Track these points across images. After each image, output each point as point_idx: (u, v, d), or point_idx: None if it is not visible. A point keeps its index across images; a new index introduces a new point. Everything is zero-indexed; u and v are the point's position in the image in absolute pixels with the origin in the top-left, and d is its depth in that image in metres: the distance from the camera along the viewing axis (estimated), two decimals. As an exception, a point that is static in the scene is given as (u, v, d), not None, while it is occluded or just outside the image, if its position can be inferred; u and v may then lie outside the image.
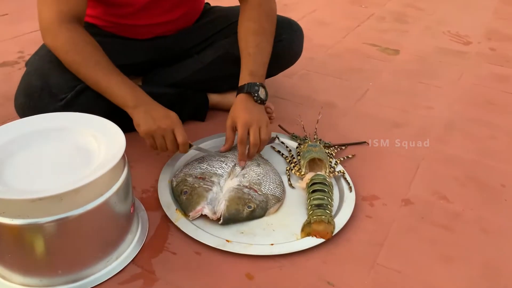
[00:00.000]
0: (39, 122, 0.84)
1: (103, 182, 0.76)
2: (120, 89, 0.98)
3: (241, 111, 1.01)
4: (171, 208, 0.94)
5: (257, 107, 1.03)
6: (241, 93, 1.04)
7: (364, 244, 0.90)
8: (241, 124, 0.99)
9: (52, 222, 0.71)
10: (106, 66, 0.98)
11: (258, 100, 1.03)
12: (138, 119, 0.97)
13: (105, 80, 0.97)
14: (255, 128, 0.99)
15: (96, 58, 0.98)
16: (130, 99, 0.97)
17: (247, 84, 1.03)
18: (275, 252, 0.86)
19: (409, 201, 1.03)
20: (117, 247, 0.82)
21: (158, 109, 0.99)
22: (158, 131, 0.96)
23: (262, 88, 1.04)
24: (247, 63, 1.06)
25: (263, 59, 1.07)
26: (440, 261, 0.87)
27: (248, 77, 1.04)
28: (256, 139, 0.99)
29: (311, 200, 0.95)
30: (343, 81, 1.58)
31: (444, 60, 1.80)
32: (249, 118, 1.00)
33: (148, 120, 0.96)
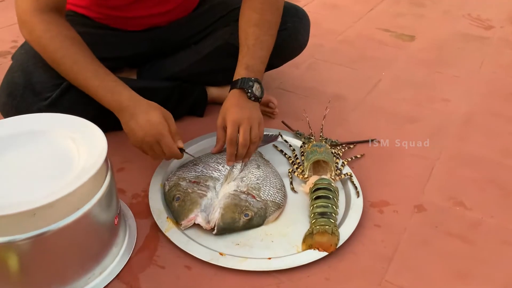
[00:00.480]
0: (12, 125, 0.77)
1: (82, 193, 0.69)
2: (100, 93, 0.90)
3: (232, 108, 0.93)
4: (162, 216, 0.87)
5: (250, 103, 0.95)
6: (234, 89, 0.96)
7: (372, 257, 0.82)
8: (230, 122, 0.91)
9: (24, 240, 0.64)
10: (84, 65, 0.89)
11: (252, 97, 0.95)
12: (125, 128, 0.90)
13: (84, 82, 0.90)
14: (245, 127, 0.91)
15: (73, 56, 0.89)
16: (113, 104, 0.90)
17: (241, 79, 0.95)
18: (272, 267, 0.78)
19: (422, 208, 0.94)
20: (100, 262, 0.76)
21: (143, 114, 0.88)
22: (144, 145, 0.89)
23: (257, 84, 0.96)
24: (244, 57, 0.97)
25: (262, 53, 0.98)
26: (456, 278, 0.79)
27: (244, 71, 0.96)
28: (245, 139, 0.91)
29: (314, 208, 0.87)
30: (353, 71, 1.48)
31: (463, 46, 1.68)
32: (239, 115, 0.92)
33: (134, 130, 0.88)
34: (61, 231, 0.66)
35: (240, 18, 1.02)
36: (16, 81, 0.96)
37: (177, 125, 0.94)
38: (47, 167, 0.71)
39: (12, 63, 1.01)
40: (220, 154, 0.99)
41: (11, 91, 0.95)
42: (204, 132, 1.11)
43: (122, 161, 1.02)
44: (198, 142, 1.07)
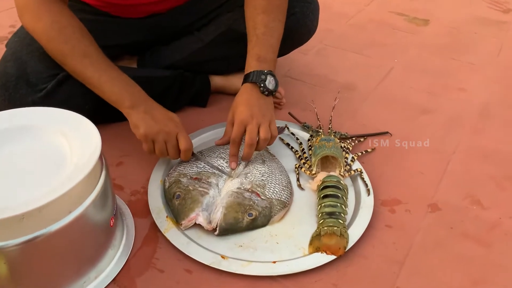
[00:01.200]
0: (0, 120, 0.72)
1: (74, 195, 0.64)
2: (114, 86, 0.85)
3: (242, 104, 0.88)
4: (161, 215, 0.82)
5: (262, 100, 0.89)
6: (246, 83, 0.90)
7: (382, 261, 0.78)
8: (237, 121, 0.87)
9: (13, 247, 0.60)
10: (97, 58, 0.85)
11: (265, 91, 0.89)
12: (136, 120, 0.85)
13: (96, 75, 0.85)
14: (252, 127, 0.86)
15: (84, 49, 0.85)
16: (127, 97, 0.85)
17: (252, 72, 0.89)
18: (277, 271, 0.74)
19: (437, 207, 0.89)
20: (95, 265, 0.72)
21: (159, 109, 0.88)
22: (161, 135, 0.84)
23: (270, 76, 0.90)
24: (254, 47, 0.91)
25: (273, 41, 0.92)
26: (473, 285, 0.74)
27: (255, 63, 0.90)
28: (252, 139, 0.86)
29: (322, 207, 0.83)
30: (364, 58, 1.41)
31: (480, 31, 1.60)
32: (248, 114, 0.86)
33: (149, 121, 0.84)
34: (52, 236, 0.62)
35: (246, 5, 0.95)
36: (9, 71, 0.91)
37: (179, 116, 0.90)
38: (36, 166, 0.67)
39: (6, 52, 0.96)
40: (223, 149, 0.94)
41: (4, 82, 0.91)
42: (207, 123, 1.06)
43: (120, 155, 0.97)
44: (201, 134, 1.03)
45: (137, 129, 0.85)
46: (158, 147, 0.85)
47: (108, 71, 0.85)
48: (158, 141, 0.85)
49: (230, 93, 1.15)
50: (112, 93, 0.85)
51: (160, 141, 0.85)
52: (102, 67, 0.85)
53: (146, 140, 0.85)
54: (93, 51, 0.85)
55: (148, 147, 0.86)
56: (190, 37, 1.09)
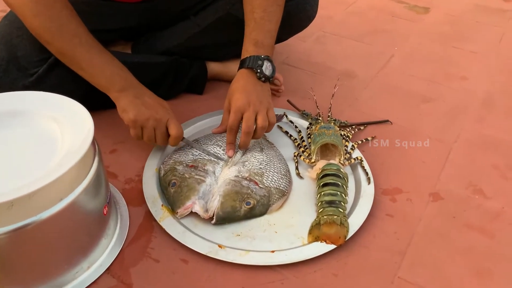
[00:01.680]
0: (-12, 106, 0.70)
1: (65, 181, 0.62)
2: (105, 69, 0.82)
3: (238, 91, 0.85)
4: (156, 204, 0.80)
5: (259, 86, 0.87)
6: (242, 68, 0.88)
7: (383, 251, 0.76)
8: (234, 108, 0.84)
9: (1, 235, 0.58)
10: (86, 39, 0.81)
11: (262, 77, 0.87)
12: (125, 104, 0.82)
13: (86, 57, 0.81)
14: (249, 114, 0.83)
15: (73, 29, 0.80)
16: (117, 81, 0.83)
17: (249, 57, 0.87)
18: (276, 261, 0.72)
19: (438, 196, 0.87)
20: (88, 255, 0.69)
21: (150, 95, 0.85)
22: (150, 121, 0.82)
23: (267, 62, 0.87)
24: (251, 32, 0.88)
25: (271, 26, 0.89)
26: (475, 275, 0.73)
27: (252, 48, 0.87)
28: (248, 127, 0.84)
29: (322, 196, 0.80)
30: (364, 45, 1.38)
31: (482, 20, 1.57)
32: (245, 101, 0.84)
33: (139, 106, 0.82)
34: (42, 224, 0.60)
35: None
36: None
37: (174, 103, 0.87)
38: (27, 152, 0.64)
39: (-6, 36, 0.93)
40: (220, 136, 0.92)
41: None
42: (203, 111, 1.04)
43: (114, 142, 0.95)
44: (197, 122, 1.00)
45: (125, 114, 0.82)
46: (147, 133, 0.83)
47: (99, 53, 0.82)
48: (147, 127, 0.82)
49: (227, 80, 1.13)
50: (102, 77, 0.82)
51: (150, 127, 0.82)
52: (92, 49, 0.81)
53: (134, 125, 0.83)
54: (83, 32, 0.81)
55: (136, 133, 0.84)
56: (187, 22, 1.05)
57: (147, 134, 0.83)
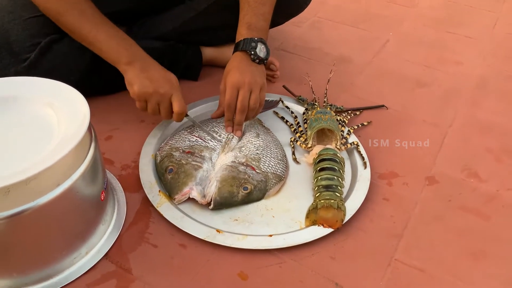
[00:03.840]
0: (-18, 91, 0.69)
1: (62, 166, 0.61)
2: (111, 42, 0.84)
3: (232, 71, 0.86)
4: (153, 190, 0.80)
5: (253, 67, 0.87)
6: (236, 51, 0.88)
7: (380, 235, 0.76)
8: (229, 85, 0.85)
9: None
10: (93, 14, 0.84)
11: (256, 58, 0.87)
12: (131, 77, 0.83)
13: (93, 31, 0.83)
14: (244, 92, 0.84)
15: (81, 5, 0.83)
16: (124, 54, 0.84)
17: (243, 40, 0.87)
18: (274, 245, 0.72)
19: (434, 180, 0.87)
20: (86, 241, 0.69)
21: (156, 68, 0.86)
22: (154, 96, 0.83)
23: (261, 44, 0.87)
24: (245, 15, 0.88)
25: (265, 9, 0.89)
26: (471, 257, 0.74)
27: (245, 31, 0.87)
28: (243, 105, 0.85)
29: (318, 180, 0.81)
30: (359, 31, 1.38)
31: (475, 5, 1.57)
32: (239, 79, 0.84)
33: (144, 80, 0.83)
34: (40, 209, 0.60)
35: None
36: None
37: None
38: (23, 137, 0.64)
39: (-14, 20, 0.91)
40: (216, 122, 0.92)
41: None
42: (198, 97, 1.03)
43: (110, 128, 0.94)
44: (192, 108, 0.99)
45: (131, 87, 0.83)
46: (151, 107, 0.84)
47: (105, 28, 0.84)
48: (151, 101, 0.84)
49: (222, 65, 1.11)
50: (110, 50, 0.83)
51: (153, 102, 0.84)
52: (99, 24, 0.83)
53: (139, 99, 0.84)
54: (89, 7, 0.83)
55: (141, 106, 0.85)
56: (182, 6, 1.04)
57: (151, 108, 0.85)
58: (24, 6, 0.89)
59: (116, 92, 1.02)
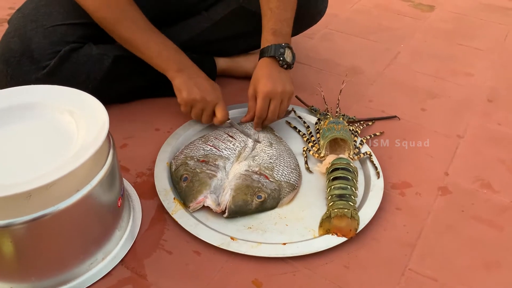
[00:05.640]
0: (4, 98, 0.70)
1: (82, 173, 0.63)
2: (162, 50, 0.89)
3: (264, 78, 0.88)
4: (168, 197, 0.81)
5: (282, 74, 0.90)
6: (264, 57, 0.90)
7: (393, 244, 0.77)
8: (262, 95, 0.88)
9: (19, 225, 0.59)
10: (143, 24, 0.89)
11: (284, 64, 0.89)
12: (180, 84, 0.89)
13: (144, 40, 0.88)
14: (276, 103, 0.89)
15: (132, 15, 0.88)
16: (174, 62, 0.90)
17: (270, 46, 0.89)
18: (288, 253, 0.73)
19: (447, 190, 0.88)
20: (103, 246, 0.70)
21: (203, 77, 0.92)
22: (200, 103, 0.89)
23: (288, 49, 0.90)
24: (269, 21, 0.90)
25: (287, 15, 0.91)
26: (484, 267, 0.73)
27: (271, 37, 0.89)
28: (274, 115, 0.90)
29: (332, 189, 0.81)
30: (370, 43, 1.39)
31: (486, 17, 1.58)
32: (272, 88, 0.87)
33: (193, 88, 0.89)
34: (59, 214, 0.61)
35: None
36: (13, 47, 0.89)
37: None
38: (43, 144, 0.65)
39: (8, 28, 0.94)
40: (230, 131, 0.93)
41: (7, 58, 0.89)
42: (212, 106, 1.04)
43: (124, 137, 0.96)
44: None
45: (179, 93, 0.89)
46: (195, 113, 0.90)
47: (155, 36, 0.89)
48: (196, 107, 0.89)
49: (236, 75, 1.14)
50: (159, 59, 0.89)
51: (198, 108, 0.89)
52: (149, 33, 0.88)
53: (185, 104, 0.89)
54: (140, 18, 0.88)
55: (186, 110, 0.91)
56: (198, 17, 1.06)
57: (195, 113, 0.91)
58: (46, 15, 0.91)
59: (130, 101, 1.04)
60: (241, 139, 0.91)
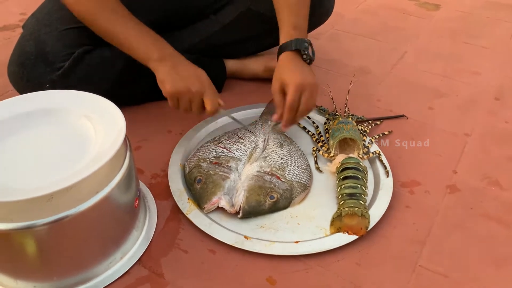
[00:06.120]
0: (24, 103, 0.72)
1: (101, 175, 0.64)
2: (142, 40, 0.85)
3: (292, 71, 0.84)
4: (183, 197, 0.83)
5: (306, 67, 0.86)
6: (286, 51, 0.86)
7: (404, 241, 0.78)
8: (293, 87, 0.82)
9: (42, 226, 0.61)
10: (123, 14, 0.85)
11: (308, 59, 0.87)
12: (163, 75, 0.84)
13: (124, 30, 0.85)
14: (308, 95, 0.83)
15: (111, 6, 0.85)
16: (155, 51, 0.85)
17: (294, 40, 0.85)
18: (300, 251, 0.75)
19: (455, 188, 0.89)
20: (121, 246, 0.72)
21: (186, 65, 0.87)
22: (186, 95, 0.84)
23: (310, 45, 0.87)
24: (289, 16, 0.87)
25: (305, 11, 0.89)
26: (494, 264, 0.75)
27: (293, 31, 0.86)
28: (308, 107, 0.84)
29: (342, 189, 0.83)
30: (377, 42, 1.41)
31: (492, 16, 1.59)
32: (303, 80, 0.82)
33: (175, 78, 0.83)
34: (80, 215, 0.63)
35: None
36: (28, 49, 0.92)
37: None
38: (62, 148, 0.67)
39: (23, 32, 0.96)
40: (240, 133, 0.94)
41: (23, 61, 0.91)
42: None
43: (138, 139, 0.98)
44: (217, 118, 1.02)
45: (162, 86, 0.84)
46: (183, 105, 0.85)
47: (136, 26, 0.85)
48: (183, 100, 0.84)
49: (245, 77, 1.15)
50: (140, 47, 0.84)
51: (185, 100, 0.84)
52: (130, 23, 0.85)
53: (171, 97, 0.85)
54: (119, 7, 0.85)
55: (173, 104, 0.86)
56: (206, 20, 1.08)
57: (183, 106, 0.85)
58: (59, 19, 0.94)
59: (143, 102, 1.06)
60: (251, 139, 0.93)
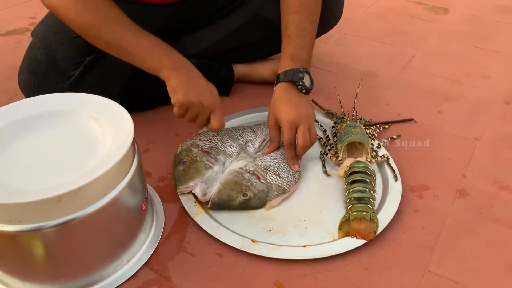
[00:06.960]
0: (33, 106, 0.73)
1: (109, 178, 0.65)
2: (153, 50, 0.82)
3: (285, 106, 0.84)
4: (190, 200, 0.83)
5: (302, 99, 0.86)
6: (281, 82, 0.87)
7: (413, 246, 0.77)
8: (287, 125, 0.83)
9: (50, 228, 0.61)
10: (130, 25, 0.82)
11: (303, 89, 0.86)
12: (176, 83, 0.81)
13: (133, 42, 0.81)
14: (304, 129, 0.83)
15: (116, 17, 0.81)
16: (167, 60, 0.82)
17: (289, 70, 0.86)
18: (308, 255, 0.74)
19: (465, 192, 0.88)
20: (128, 249, 0.72)
21: (200, 78, 0.85)
22: (196, 107, 0.82)
23: (306, 74, 0.87)
24: (286, 47, 0.88)
25: (305, 42, 0.88)
26: (505, 269, 0.74)
27: (289, 62, 0.87)
28: (306, 141, 0.83)
29: (350, 192, 0.82)
30: (385, 46, 1.40)
31: (501, 19, 1.58)
32: (296, 115, 0.83)
33: (189, 89, 0.82)
34: (88, 218, 0.63)
35: (281, 6, 0.92)
36: (40, 58, 0.92)
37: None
38: (71, 150, 0.67)
39: (33, 40, 0.97)
40: (242, 131, 0.95)
41: (34, 68, 0.92)
42: (230, 111, 1.06)
43: (146, 142, 0.98)
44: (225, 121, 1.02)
45: (175, 93, 0.82)
46: (189, 116, 0.84)
47: (145, 37, 0.82)
48: (191, 111, 0.83)
49: (253, 81, 1.16)
50: (151, 58, 0.82)
51: (194, 112, 0.83)
52: (138, 34, 0.81)
53: (181, 106, 0.82)
54: (125, 19, 0.81)
55: (180, 113, 0.84)
56: (214, 26, 1.08)
57: (189, 116, 0.84)
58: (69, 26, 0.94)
59: (151, 108, 1.06)
60: (249, 138, 0.94)
